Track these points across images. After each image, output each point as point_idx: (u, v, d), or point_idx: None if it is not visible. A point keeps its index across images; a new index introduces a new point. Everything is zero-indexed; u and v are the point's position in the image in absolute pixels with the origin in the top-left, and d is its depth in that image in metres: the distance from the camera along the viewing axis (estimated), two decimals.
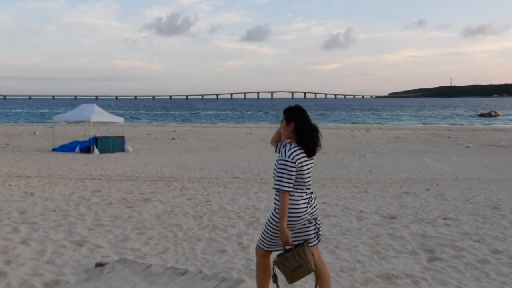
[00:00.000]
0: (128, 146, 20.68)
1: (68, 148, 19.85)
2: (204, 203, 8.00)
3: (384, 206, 7.82)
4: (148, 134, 30.21)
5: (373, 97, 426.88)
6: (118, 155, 18.18)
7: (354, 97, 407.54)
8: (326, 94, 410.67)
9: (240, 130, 37.79)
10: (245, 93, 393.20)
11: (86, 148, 19.39)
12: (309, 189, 3.21)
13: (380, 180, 11.37)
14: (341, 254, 5.00)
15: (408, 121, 56.76)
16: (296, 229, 3.15)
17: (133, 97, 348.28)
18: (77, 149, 19.45)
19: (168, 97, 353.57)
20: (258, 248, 3.34)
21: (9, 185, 9.54)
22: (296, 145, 3.16)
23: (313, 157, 3.22)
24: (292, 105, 3.31)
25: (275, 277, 3.18)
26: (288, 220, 3.06)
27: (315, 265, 3.13)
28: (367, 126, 44.12)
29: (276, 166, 3.13)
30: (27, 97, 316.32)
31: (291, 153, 3.08)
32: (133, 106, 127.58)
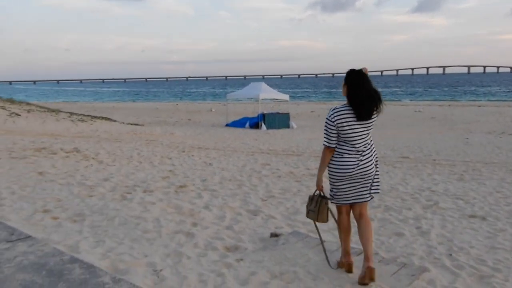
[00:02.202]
0: (292, 123, 21.27)
1: (239, 123, 21.41)
2: None
3: None
4: (311, 112, 30.59)
5: None
6: (283, 131, 18.82)
7: None
8: (511, 68, 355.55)
9: (407, 108, 35.42)
10: (412, 69, 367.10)
11: (255, 124, 20.62)
12: (357, 148, 3.25)
13: None
14: None
15: None
16: (345, 182, 3.31)
17: (297, 76, 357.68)
18: (247, 124, 20.81)
19: (331, 75, 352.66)
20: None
21: (192, 155, 10.66)
22: (344, 105, 3.27)
23: (368, 120, 3.23)
24: (356, 68, 3.30)
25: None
26: (335, 173, 3.32)
27: (335, 220, 3.55)
28: None
29: None
30: (205, 78, 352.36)
31: (333, 113, 3.25)
32: (296, 85, 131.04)
